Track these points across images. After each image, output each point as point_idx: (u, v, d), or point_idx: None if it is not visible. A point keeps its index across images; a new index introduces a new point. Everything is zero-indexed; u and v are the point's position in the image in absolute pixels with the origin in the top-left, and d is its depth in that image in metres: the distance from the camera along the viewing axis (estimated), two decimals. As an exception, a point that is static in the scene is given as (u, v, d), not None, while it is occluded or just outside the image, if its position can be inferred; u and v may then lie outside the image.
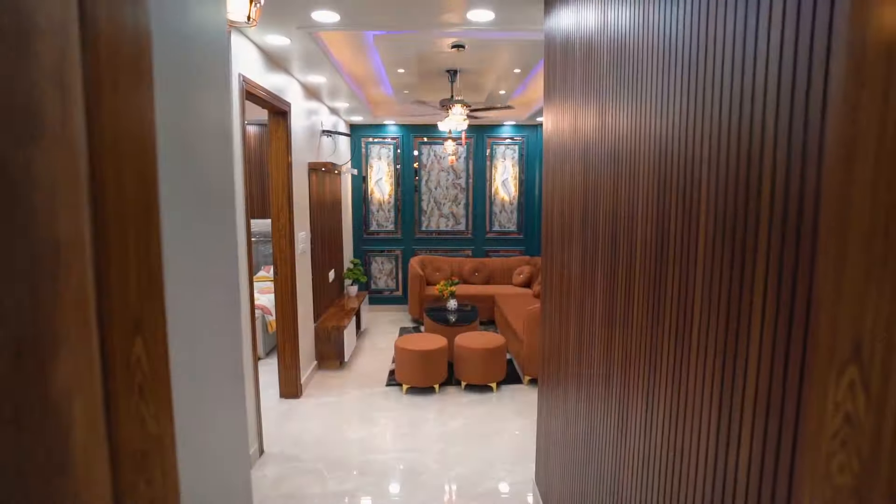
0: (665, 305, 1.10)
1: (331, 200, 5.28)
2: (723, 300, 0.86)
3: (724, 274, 0.85)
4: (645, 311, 1.22)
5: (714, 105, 0.89)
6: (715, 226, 0.88)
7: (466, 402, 3.95)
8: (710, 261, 0.90)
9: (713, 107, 0.89)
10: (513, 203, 6.79)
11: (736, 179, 0.82)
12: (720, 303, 0.87)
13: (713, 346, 0.89)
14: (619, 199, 1.39)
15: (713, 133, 0.89)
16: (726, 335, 0.85)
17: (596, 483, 1.65)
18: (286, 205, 3.78)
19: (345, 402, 3.92)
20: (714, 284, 0.89)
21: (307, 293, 4.33)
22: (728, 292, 0.84)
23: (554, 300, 2.30)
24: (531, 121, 6.40)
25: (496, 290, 6.11)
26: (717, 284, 0.88)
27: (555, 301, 2.28)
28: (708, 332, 0.91)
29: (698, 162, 0.95)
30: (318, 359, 4.57)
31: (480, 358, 4.05)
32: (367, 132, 6.62)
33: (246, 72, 2.89)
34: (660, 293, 1.13)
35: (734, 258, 0.82)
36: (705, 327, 0.92)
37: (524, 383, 4.29)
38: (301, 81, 4.07)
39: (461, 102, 3.73)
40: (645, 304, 1.22)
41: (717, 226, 0.87)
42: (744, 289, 0.79)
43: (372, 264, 6.83)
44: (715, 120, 0.88)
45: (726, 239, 0.85)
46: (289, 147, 3.76)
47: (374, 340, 5.54)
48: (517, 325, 4.56)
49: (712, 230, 0.89)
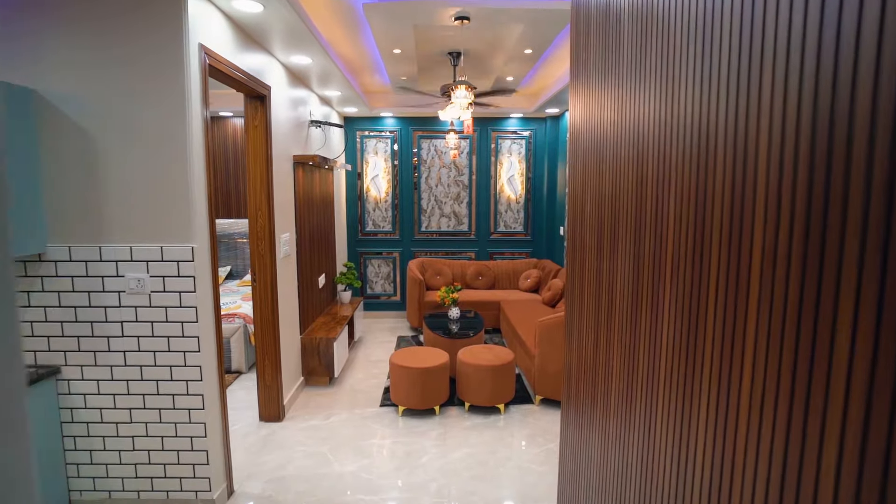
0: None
1: (321, 198, 4.81)
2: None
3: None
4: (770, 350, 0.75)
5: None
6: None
7: (470, 426, 3.48)
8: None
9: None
10: (519, 202, 6.32)
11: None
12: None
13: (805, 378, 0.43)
14: (707, 202, 0.93)
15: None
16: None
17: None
18: (265, 203, 3.32)
19: (333, 427, 3.45)
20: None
21: (292, 301, 3.87)
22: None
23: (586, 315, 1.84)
24: (540, 112, 5.93)
25: (502, 296, 5.64)
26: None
27: (587, 316, 1.82)
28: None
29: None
30: (304, 374, 4.10)
31: (487, 376, 3.59)
32: (362, 125, 6.15)
33: (210, 42, 2.42)
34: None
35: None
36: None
37: (535, 403, 3.82)
38: (284, 63, 3.61)
39: (465, 84, 3.25)
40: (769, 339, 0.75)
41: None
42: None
43: (368, 267, 6.36)
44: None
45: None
46: (269, 137, 3.29)
47: (369, 351, 5.07)
48: (527, 338, 4.09)
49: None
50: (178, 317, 2.32)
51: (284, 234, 3.65)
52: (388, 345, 5.29)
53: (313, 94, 4.57)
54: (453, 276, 6.04)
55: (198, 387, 2.37)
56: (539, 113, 5.96)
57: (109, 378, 2.35)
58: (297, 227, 4.01)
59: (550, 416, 3.62)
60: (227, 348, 4.36)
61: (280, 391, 3.50)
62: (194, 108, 2.27)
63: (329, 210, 5.17)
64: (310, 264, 4.38)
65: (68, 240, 2.26)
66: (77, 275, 2.28)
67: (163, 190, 2.25)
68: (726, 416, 0.86)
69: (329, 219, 5.18)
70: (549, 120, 6.12)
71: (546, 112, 5.89)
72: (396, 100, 5.75)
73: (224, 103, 5.35)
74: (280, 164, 3.59)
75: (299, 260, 4.04)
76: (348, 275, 5.24)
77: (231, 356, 4.38)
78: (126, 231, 2.27)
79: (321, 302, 4.78)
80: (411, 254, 6.33)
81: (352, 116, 6.09)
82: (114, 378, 2.35)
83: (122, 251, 2.27)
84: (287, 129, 3.76)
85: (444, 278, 5.94)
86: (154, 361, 2.35)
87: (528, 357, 3.94)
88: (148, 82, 2.18)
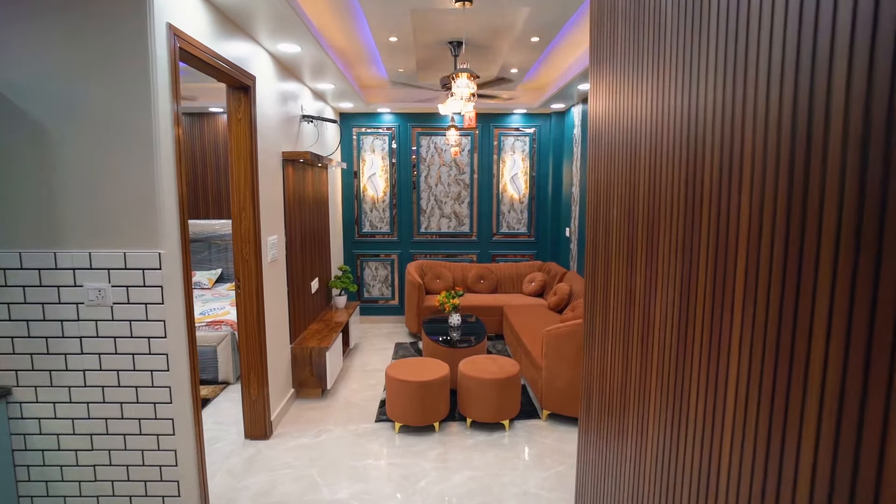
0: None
1: (314, 198, 4.55)
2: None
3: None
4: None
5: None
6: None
7: (472, 444, 3.22)
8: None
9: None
10: (523, 202, 6.05)
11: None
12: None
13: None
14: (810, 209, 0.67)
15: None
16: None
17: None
18: (250, 202, 3.06)
19: (324, 446, 3.19)
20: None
21: (281, 309, 3.60)
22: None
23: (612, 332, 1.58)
24: (545, 108, 5.66)
25: (505, 300, 5.38)
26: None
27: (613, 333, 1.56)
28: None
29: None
30: (295, 386, 3.84)
31: (491, 391, 3.32)
32: (358, 121, 5.89)
33: (181, 24, 2.16)
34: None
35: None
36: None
37: (542, 418, 3.55)
38: (271, 52, 3.34)
39: (468, 72, 2.98)
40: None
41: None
42: None
43: (364, 270, 6.10)
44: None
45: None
46: (254, 131, 3.03)
47: (365, 360, 4.81)
48: (533, 347, 3.82)
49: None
50: (144, 332, 2.05)
51: (272, 237, 3.39)
52: (385, 352, 5.03)
53: (305, 87, 4.31)
54: (454, 279, 5.77)
55: (167, 410, 2.11)
56: (544, 109, 5.70)
57: (67, 400, 2.09)
58: (287, 229, 3.75)
59: (559, 433, 3.36)
60: (214, 358, 4.10)
61: (267, 407, 3.24)
62: (161, 96, 2.00)
63: (323, 210, 4.91)
64: (301, 268, 4.12)
65: (18, 245, 2.00)
66: (29, 284, 2.02)
67: (125, 189, 1.99)
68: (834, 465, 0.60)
69: (323, 220, 4.92)
70: (555, 116, 5.85)
71: (551, 107, 5.62)
72: (394, 94, 5.48)
73: (213, 97, 5.09)
74: (267, 161, 3.32)
75: (289, 264, 3.78)
76: (343, 278, 4.98)
77: (218, 366, 4.12)
78: (84, 235, 2.01)
79: (314, 307, 4.51)
80: (410, 256, 6.07)
81: (347, 112, 5.82)
82: (72, 400, 2.09)
83: (81, 258, 2.01)
84: (275, 124, 3.50)
85: (444, 282, 5.68)
86: (118, 381, 2.08)
87: (535, 368, 3.68)
88: (107, 66, 1.92)
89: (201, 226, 5.64)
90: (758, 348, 0.79)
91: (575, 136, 5.38)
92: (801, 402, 0.69)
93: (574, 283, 4.92)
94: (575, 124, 5.38)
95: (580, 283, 4.83)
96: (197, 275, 5.47)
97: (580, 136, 5.21)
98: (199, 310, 4.42)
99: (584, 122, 5.10)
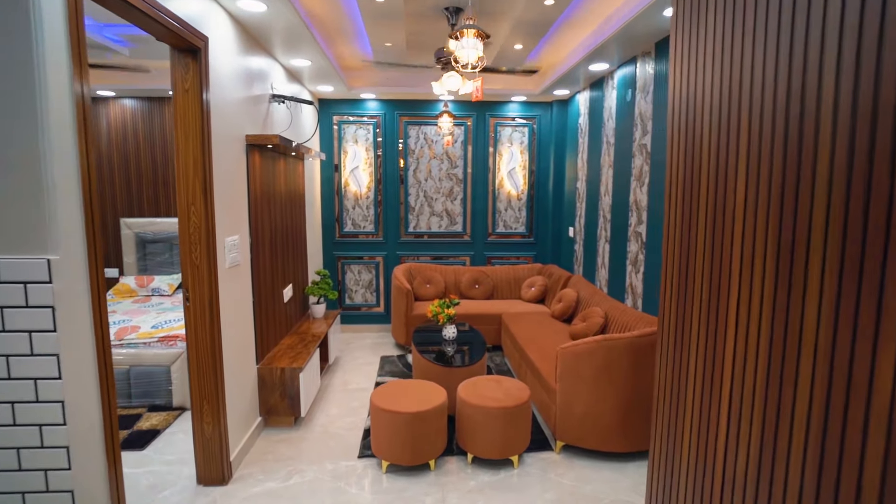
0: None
1: (287, 192, 3.95)
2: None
3: None
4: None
5: None
6: None
7: (476, 487, 2.67)
8: None
9: None
10: (521, 198, 5.53)
11: None
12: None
13: None
14: None
15: None
16: None
17: None
18: (201, 195, 2.46)
19: (295, 493, 2.61)
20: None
21: (244, 322, 3.01)
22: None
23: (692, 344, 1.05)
24: (546, 96, 5.14)
25: (503, 307, 4.84)
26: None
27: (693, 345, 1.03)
28: None
29: None
30: (263, 414, 3.25)
31: (496, 421, 2.78)
32: (339, 108, 5.29)
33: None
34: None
35: None
36: None
37: (555, 450, 3.02)
38: (229, 10, 2.74)
39: (475, 28, 2.41)
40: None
41: None
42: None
43: (346, 274, 5.50)
44: None
45: None
46: (205, 105, 2.43)
47: (347, 377, 4.22)
48: (543, 366, 3.29)
49: None
50: (28, 371, 1.46)
51: (232, 237, 2.79)
52: (369, 367, 4.45)
53: (277, 63, 3.71)
54: (446, 284, 5.21)
55: (63, 479, 1.51)
56: (545, 96, 5.17)
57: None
58: (253, 228, 3.15)
59: (577, 469, 2.83)
60: (167, 380, 3.48)
61: (224, 444, 2.65)
62: (52, 58, 1.41)
63: (298, 207, 4.31)
64: (271, 273, 3.52)
65: None
66: None
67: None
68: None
69: (298, 218, 4.32)
70: (556, 105, 5.33)
71: (553, 95, 5.10)
72: (380, 78, 4.90)
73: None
74: (226, 146, 2.73)
75: (255, 269, 3.18)
76: (322, 284, 4.39)
77: (172, 389, 3.50)
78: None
79: (288, 318, 3.92)
80: (397, 258, 5.49)
81: (328, 98, 5.22)
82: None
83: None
84: (237, 101, 2.90)
85: (436, 287, 5.12)
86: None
87: (546, 391, 3.15)
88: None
89: (162, 224, 4.99)
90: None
91: (580, 125, 4.86)
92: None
93: (581, 288, 4.40)
94: (580, 113, 4.86)
95: (587, 288, 4.32)
96: (156, 280, 4.82)
97: (587, 126, 4.69)
98: (150, 322, 3.80)
99: (591, 110, 4.59)
